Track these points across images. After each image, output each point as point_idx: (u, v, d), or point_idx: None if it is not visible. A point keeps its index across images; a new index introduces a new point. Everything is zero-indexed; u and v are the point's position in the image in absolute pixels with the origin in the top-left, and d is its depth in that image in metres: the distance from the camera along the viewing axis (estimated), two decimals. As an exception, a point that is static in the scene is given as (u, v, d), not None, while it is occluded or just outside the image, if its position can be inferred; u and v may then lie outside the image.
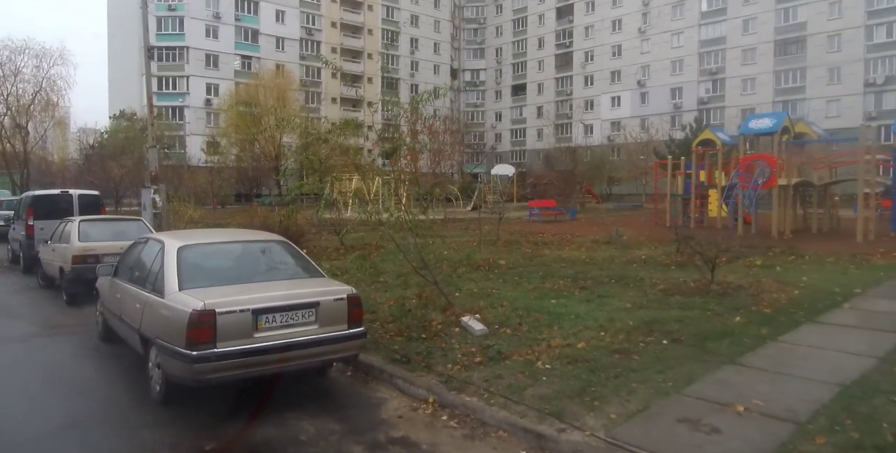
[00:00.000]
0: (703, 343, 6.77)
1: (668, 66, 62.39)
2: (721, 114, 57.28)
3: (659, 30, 62.82)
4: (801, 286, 9.66)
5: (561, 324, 7.71)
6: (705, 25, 59.68)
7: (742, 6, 56.88)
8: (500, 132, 79.58)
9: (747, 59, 56.72)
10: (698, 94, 60.04)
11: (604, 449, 4.50)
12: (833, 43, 51.67)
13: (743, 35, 56.96)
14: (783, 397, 5.19)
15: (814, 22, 52.60)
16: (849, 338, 6.84)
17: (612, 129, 65.60)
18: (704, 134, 22.18)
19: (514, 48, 78.40)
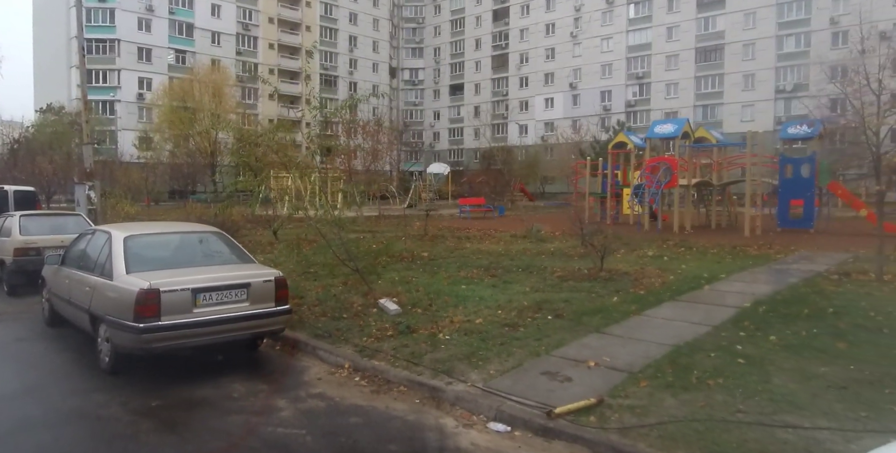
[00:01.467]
0: (580, 318, 8.08)
1: (598, 70, 64.98)
2: (647, 117, 60.20)
3: (589, 35, 65.36)
4: (677, 272, 11.20)
5: (466, 304, 8.91)
6: (632, 32, 62.51)
7: (666, 14, 59.91)
8: (439, 131, 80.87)
9: (671, 65, 59.81)
10: (626, 97, 62.86)
11: (480, 395, 5.69)
12: (748, 51, 55.16)
13: (667, 42, 60.01)
14: (627, 355, 6.52)
15: (731, 31, 56.01)
16: (696, 312, 8.29)
17: (546, 130, 67.84)
18: (619, 137, 23.97)
19: (452, 48, 79.79)
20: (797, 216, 18.99)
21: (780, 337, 6.98)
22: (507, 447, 4.89)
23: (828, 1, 50.89)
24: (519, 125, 69.78)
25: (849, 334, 7.07)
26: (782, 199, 19.07)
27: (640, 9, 62.00)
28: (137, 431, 5.18)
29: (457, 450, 4.82)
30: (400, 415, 5.54)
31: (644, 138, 21.21)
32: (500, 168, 43.59)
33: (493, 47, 74.68)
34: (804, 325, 7.45)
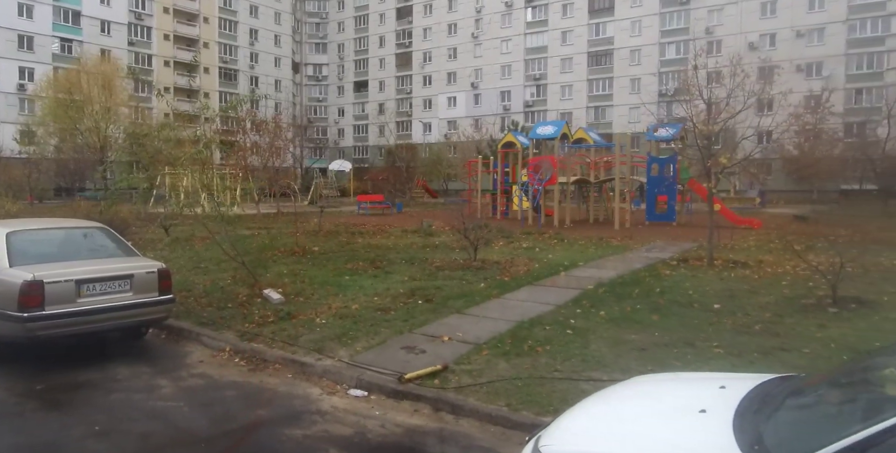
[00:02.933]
0: (447, 302, 9.07)
1: (498, 71, 67.06)
2: (544, 117, 62.79)
3: (490, 36, 67.30)
4: (543, 261, 12.48)
5: (346, 293, 9.71)
6: (530, 35, 64.99)
7: (561, 19, 62.72)
8: (343, 127, 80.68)
9: (565, 68, 62.72)
10: (524, 97, 65.32)
11: (344, 367, 6.52)
12: (634, 57, 58.76)
13: (562, 46, 62.85)
14: (477, 331, 7.55)
15: (619, 37, 59.47)
16: (547, 294, 9.49)
17: (449, 128, 69.26)
18: (507, 137, 25.45)
19: (356, 45, 79.74)
20: (662, 211, 21.06)
21: (608, 312, 8.24)
22: (362, 408, 5.75)
23: (703, 12, 55.09)
24: (423, 123, 70.88)
25: (664, 308, 8.44)
26: (649, 196, 21.08)
27: (537, 13, 64.53)
28: (23, 410, 5.65)
29: (318, 412, 5.63)
30: (272, 388, 6.28)
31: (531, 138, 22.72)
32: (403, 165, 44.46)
33: (397, 45, 75.34)
34: (631, 302, 8.78)
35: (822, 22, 49.83)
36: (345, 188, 45.32)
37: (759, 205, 34.16)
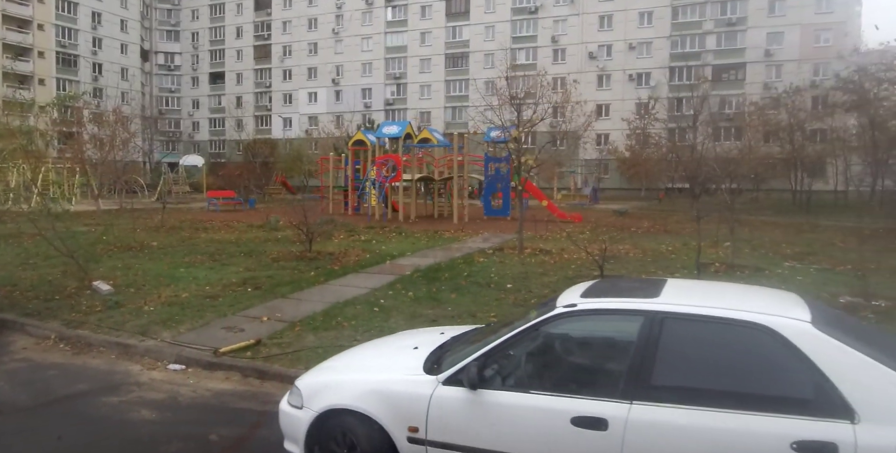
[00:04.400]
0: (275, 288, 9.93)
1: (359, 68, 67.65)
2: (405, 115, 64.27)
3: (351, 33, 67.67)
4: (375, 252, 13.64)
5: (178, 283, 10.27)
6: (390, 34, 66.17)
7: (419, 20, 64.46)
8: (199, 120, 77.42)
9: (424, 68, 64.59)
10: (385, 95, 66.44)
11: (166, 346, 7.24)
12: (488, 60, 61.67)
13: (421, 46, 64.63)
14: (295, 312, 8.51)
15: (474, 41, 62.23)
16: (368, 280, 10.64)
17: (310, 124, 68.85)
18: (357, 135, 26.46)
19: (211, 34, 76.76)
20: (498, 206, 23.05)
21: (415, 293, 9.52)
22: (178, 378, 6.55)
23: (550, 22, 59.13)
24: (283, 118, 69.84)
25: (464, 288, 9.86)
26: (486, 192, 22.99)
27: (397, 13, 65.82)
28: None
29: (136, 384, 6.36)
30: (94, 367, 6.88)
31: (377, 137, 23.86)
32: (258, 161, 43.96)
33: (256, 37, 73.55)
34: (438, 285, 10.13)
35: (650, 37, 55.27)
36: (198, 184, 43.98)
37: (591, 201, 37.68)
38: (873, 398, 2.95)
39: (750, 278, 10.92)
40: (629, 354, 3.42)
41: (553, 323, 3.70)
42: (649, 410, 3.23)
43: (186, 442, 4.98)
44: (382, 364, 4.37)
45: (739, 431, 3.07)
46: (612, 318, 3.72)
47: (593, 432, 3.28)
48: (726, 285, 4.98)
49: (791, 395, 3.13)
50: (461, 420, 3.63)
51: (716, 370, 3.36)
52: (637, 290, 3.99)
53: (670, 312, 3.45)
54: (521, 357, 3.73)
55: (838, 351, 3.08)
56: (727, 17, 52.72)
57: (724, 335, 3.34)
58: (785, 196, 40.51)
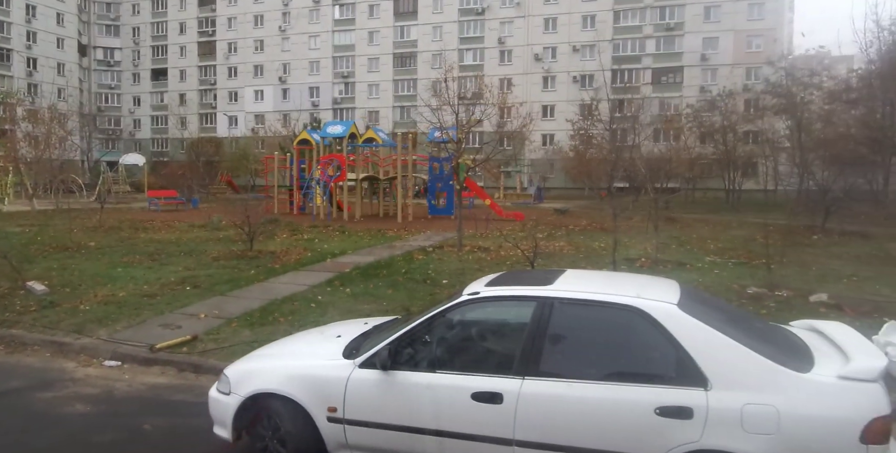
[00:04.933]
0: (214, 286, 10.08)
1: (306, 66, 67.12)
2: (353, 114, 64.13)
3: (298, 31, 67.07)
4: (317, 250, 13.85)
5: (116, 283, 10.29)
6: (338, 32, 65.89)
7: (367, 19, 64.41)
8: (140, 118, 75.38)
9: (373, 67, 64.58)
10: (333, 94, 66.14)
11: (102, 344, 7.35)
12: (436, 60, 62.09)
13: (369, 45, 64.60)
14: (234, 308, 8.70)
15: (422, 41, 62.56)
16: (307, 277, 10.88)
17: (257, 122, 67.93)
18: (302, 135, 26.47)
19: (153, 30, 74.83)
20: (442, 206, 23.48)
21: (353, 289, 9.82)
22: (113, 374, 6.69)
23: (496, 23, 59.97)
24: (228, 116, 68.75)
25: (401, 284, 10.21)
26: (431, 192, 23.38)
27: (345, 11, 65.59)
28: None
29: (71, 380, 6.48)
30: (28, 365, 6.96)
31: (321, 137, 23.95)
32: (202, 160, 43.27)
33: (200, 33, 72.08)
34: (376, 281, 10.46)
35: (593, 40, 56.63)
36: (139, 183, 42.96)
37: (535, 200, 38.55)
38: (723, 368, 3.44)
39: (671, 272, 11.60)
40: (523, 335, 3.84)
41: (458, 309, 4.10)
42: (538, 384, 3.66)
43: (120, 432, 5.18)
44: (306, 351, 4.71)
45: (614, 400, 3.52)
46: (509, 304, 4.14)
47: (490, 405, 3.69)
48: (618, 274, 5.49)
49: (657, 368, 3.60)
50: (375, 399, 3.99)
51: (595, 347, 3.83)
52: (535, 280, 4.44)
53: (559, 298, 3.89)
54: (430, 340, 4.12)
55: (697, 329, 3.56)
56: (666, 22, 54.55)
57: (603, 316, 3.80)
58: (720, 195, 42.33)
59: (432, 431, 3.85)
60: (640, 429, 3.44)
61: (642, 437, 3.44)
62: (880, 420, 3.22)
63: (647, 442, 3.43)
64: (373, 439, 4.03)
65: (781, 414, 3.27)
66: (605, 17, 56.53)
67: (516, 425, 3.64)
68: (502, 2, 60.01)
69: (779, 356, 3.51)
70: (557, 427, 3.59)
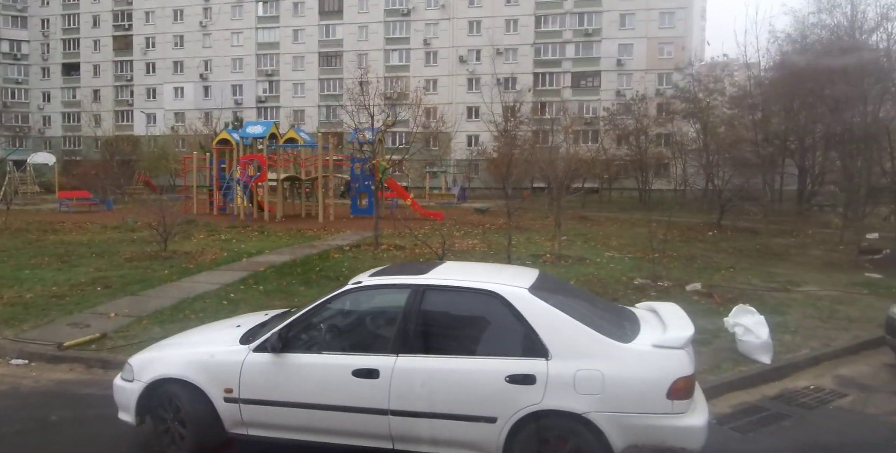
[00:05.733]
0: (125, 287, 10.17)
1: (229, 63, 65.71)
2: (277, 113, 63.33)
3: (220, 27, 65.57)
4: (233, 250, 14.02)
5: (23, 284, 10.23)
6: (262, 29, 64.85)
7: (292, 17, 63.70)
8: (50, 115, 71.75)
9: (297, 66, 63.94)
10: (257, 92, 65.06)
11: (8, 343, 7.43)
12: (362, 61, 62.08)
13: (293, 43, 63.90)
14: (144, 307, 8.88)
15: (348, 40, 62.43)
16: (221, 276, 11.10)
17: (177, 120, 65.97)
18: (222, 134, 26.21)
19: (64, 22, 71.35)
20: (364, 206, 23.84)
21: (266, 287, 10.14)
22: (21, 372, 6.83)
23: (422, 25, 60.57)
24: (146, 114, 66.43)
25: (314, 282, 10.58)
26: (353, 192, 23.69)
27: (268, 8, 64.63)
28: None
29: (-25, 378, 6.58)
30: (-70, 366, 6.97)
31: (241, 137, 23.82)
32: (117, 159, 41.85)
33: (115, 27, 69.28)
34: (290, 279, 10.80)
35: (516, 43, 58.18)
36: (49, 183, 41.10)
37: (459, 200, 39.41)
38: (561, 341, 4.09)
39: (571, 266, 12.50)
40: (398, 318, 4.40)
41: (342, 297, 4.63)
42: (409, 360, 4.22)
43: (27, 423, 5.41)
44: (205, 339, 5.11)
45: (472, 370, 4.12)
46: (387, 292, 4.70)
47: (368, 380, 4.22)
48: (489, 265, 6.15)
49: (508, 342, 4.22)
50: (267, 379, 4.45)
51: (459, 326, 4.44)
52: (413, 271, 5.01)
53: (429, 285, 4.47)
54: (317, 325, 4.61)
55: (542, 309, 4.20)
56: (584, 27, 56.56)
57: (466, 300, 4.42)
58: (635, 194, 44.46)
59: (318, 406, 4.34)
60: (494, 395, 4.05)
61: (495, 401, 4.04)
62: (682, 380, 3.94)
63: (500, 405, 4.04)
64: (266, 415, 4.49)
65: (606, 377, 3.94)
66: (527, 22, 58.07)
67: (391, 397, 4.18)
68: (427, 3, 60.65)
69: (608, 330, 4.20)
70: (426, 396, 4.16)
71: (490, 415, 4.04)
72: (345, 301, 4.67)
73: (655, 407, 3.91)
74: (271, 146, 22.82)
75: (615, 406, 3.92)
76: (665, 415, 3.91)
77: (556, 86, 57.58)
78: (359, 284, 4.64)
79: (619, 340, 4.11)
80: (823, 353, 7.29)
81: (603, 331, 4.14)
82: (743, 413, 5.73)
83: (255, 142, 23.64)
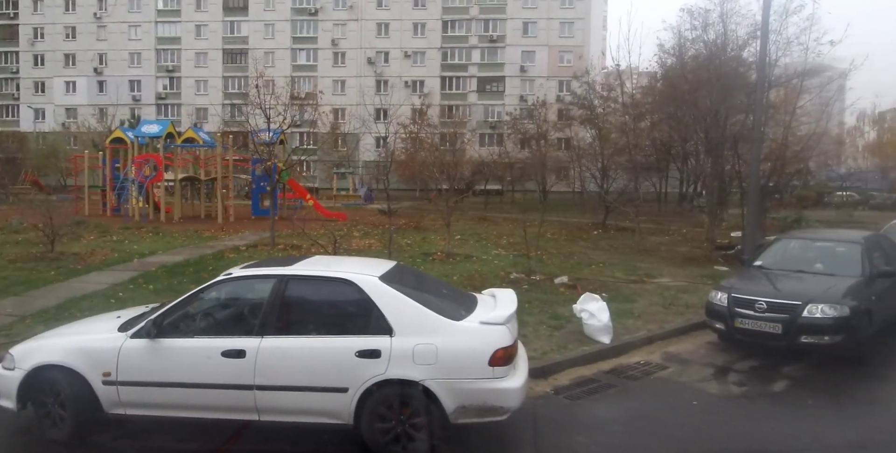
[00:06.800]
0: (8, 288, 10.12)
1: (126, 57, 63.03)
2: (178, 111, 61.45)
3: (116, 19, 62.76)
4: (125, 251, 13.99)
5: None
6: (161, 23, 62.62)
7: (194, 12, 61.87)
8: (-78, 107, 66.24)
9: (200, 62, 62.19)
10: (157, 89, 62.78)
11: None
12: (269, 59, 61.10)
13: (196, 39, 62.09)
14: (28, 307, 8.95)
15: (254, 38, 61.34)
16: (111, 277, 11.20)
17: (68, 116, 62.57)
18: (115, 133, 25.46)
19: (-63, 8, 66.07)
20: (266, 206, 23.84)
21: (156, 286, 10.37)
22: None
23: (330, 24, 60.44)
24: (33, 109, 62.62)
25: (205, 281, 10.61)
26: (254, 193, 23.73)
27: (169, 2, 62.52)
28: None
29: None
30: None
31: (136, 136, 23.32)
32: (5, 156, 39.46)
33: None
34: (181, 278, 11.05)
35: (423, 47, 59.15)
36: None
37: (364, 201, 39.87)
38: (404, 321, 4.82)
39: (457, 263, 13.39)
40: (264, 304, 5.00)
41: (214, 287, 5.19)
42: (273, 341, 4.83)
43: None
44: (86, 329, 5.52)
45: (326, 348, 4.79)
46: (255, 281, 5.30)
47: (236, 359, 4.79)
48: (353, 258, 6.87)
49: (360, 323, 4.93)
50: (143, 362, 4.93)
51: (318, 310, 5.10)
52: (282, 263, 5.63)
53: (293, 275, 5.11)
54: (191, 312, 5.15)
55: (389, 294, 4.92)
56: (489, 34, 58.30)
57: (325, 287, 5.10)
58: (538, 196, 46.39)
59: (191, 384, 4.87)
60: (345, 368, 4.72)
61: (347, 374, 4.72)
62: (502, 350, 4.76)
63: (350, 377, 4.72)
64: (143, 395, 4.97)
65: (439, 349, 4.71)
66: (434, 26, 59.14)
67: (256, 373, 4.77)
68: (335, 4, 60.58)
69: (445, 311, 4.97)
70: (287, 372, 4.78)
71: (342, 386, 4.72)
72: (216, 290, 5.24)
73: (479, 373, 4.71)
74: (169, 146, 22.48)
75: (446, 373, 4.69)
76: (487, 380, 4.71)
77: (463, 90, 59.05)
78: (229, 275, 5.21)
79: (452, 319, 4.89)
80: (657, 334, 8.44)
81: (440, 312, 4.91)
82: (578, 384, 6.68)
83: (152, 142, 23.21)
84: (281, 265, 5.46)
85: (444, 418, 4.70)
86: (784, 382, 6.95)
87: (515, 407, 4.84)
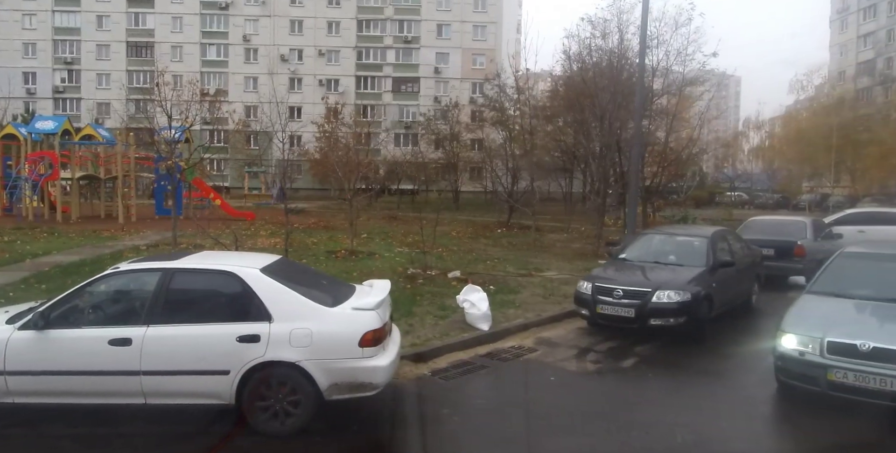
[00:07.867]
0: None
1: (19, 48, 59.43)
2: (78, 105, 58.60)
3: (7, 6, 58.97)
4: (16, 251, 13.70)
5: None
6: (59, 13, 59.45)
7: (96, 2, 59.03)
8: None
9: (102, 55, 59.49)
10: (54, 82, 59.56)
11: None
12: (176, 53, 59.32)
13: (98, 30, 59.32)
14: None
15: (160, 31, 59.26)
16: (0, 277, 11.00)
17: (-48, 109, 58.28)
18: (7, 129, 24.28)
19: None
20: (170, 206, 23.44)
21: (49, 285, 10.30)
22: None
23: (241, 20, 59.23)
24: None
25: None
26: (157, 192, 23.28)
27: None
28: None
29: None
30: None
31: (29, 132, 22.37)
32: None
33: None
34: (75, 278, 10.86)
35: (338, 45, 59.01)
36: None
37: (275, 201, 39.57)
38: (282, 309, 5.33)
39: (359, 261, 13.91)
40: (150, 296, 5.38)
41: (101, 280, 5.53)
42: (158, 329, 5.23)
43: None
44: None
45: (209, 335, 5.23)
46: (142, 275, 5.67)
47: (122, 347, 5.15)
48: (239, 252, 7.32)
49: (241, 311, 5.40)
50: (31, 353, 5.20)
51: (201, 300, 5.54)
52: (169, 258, 6.01)
53: (178, 268, 5.53)
54: (79, 304, 5.46)
55: (268, 284, 5.42)
56: (404, 34, 58.89)
57: (208, 279, 5.55)
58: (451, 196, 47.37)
59: (79, 372, 5.19)
60: (226, 352, 5.19)
61: (228, 357, 5.19)
62: (371, 332, 5.36)
63: (231, 360, 5.19)
64: (32, 384, 5.23)
65: (314, 333, 5.25)
66: (349, 25, 59.11)
67: (142, 360, 5.16)
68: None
69: (322, 299, 5.52)
70: (171, 357, 5.19)
71: (224, 369, 5.18)
72: (104, 283, 5.56)
73: (350, 354, 5.29)
74: (65, 143, 21.72)
75: (320, 354, 5.24)
76: (357, 359, 5.30)
77: (378, 90, 59.36)
78: (116, 269, 5.56)
79: (327, 306, 5.46)
80: (533, 321, 9.29)
81: (316, 300, 5.46)
82: (454, 367, 7.38)
83: (47, 138, 22.33)
84: (167, 260, 5.84)
85: (319, 395, 5.24)
86: (633, 359, 7.92)
87: (383, 383, 5.45)
